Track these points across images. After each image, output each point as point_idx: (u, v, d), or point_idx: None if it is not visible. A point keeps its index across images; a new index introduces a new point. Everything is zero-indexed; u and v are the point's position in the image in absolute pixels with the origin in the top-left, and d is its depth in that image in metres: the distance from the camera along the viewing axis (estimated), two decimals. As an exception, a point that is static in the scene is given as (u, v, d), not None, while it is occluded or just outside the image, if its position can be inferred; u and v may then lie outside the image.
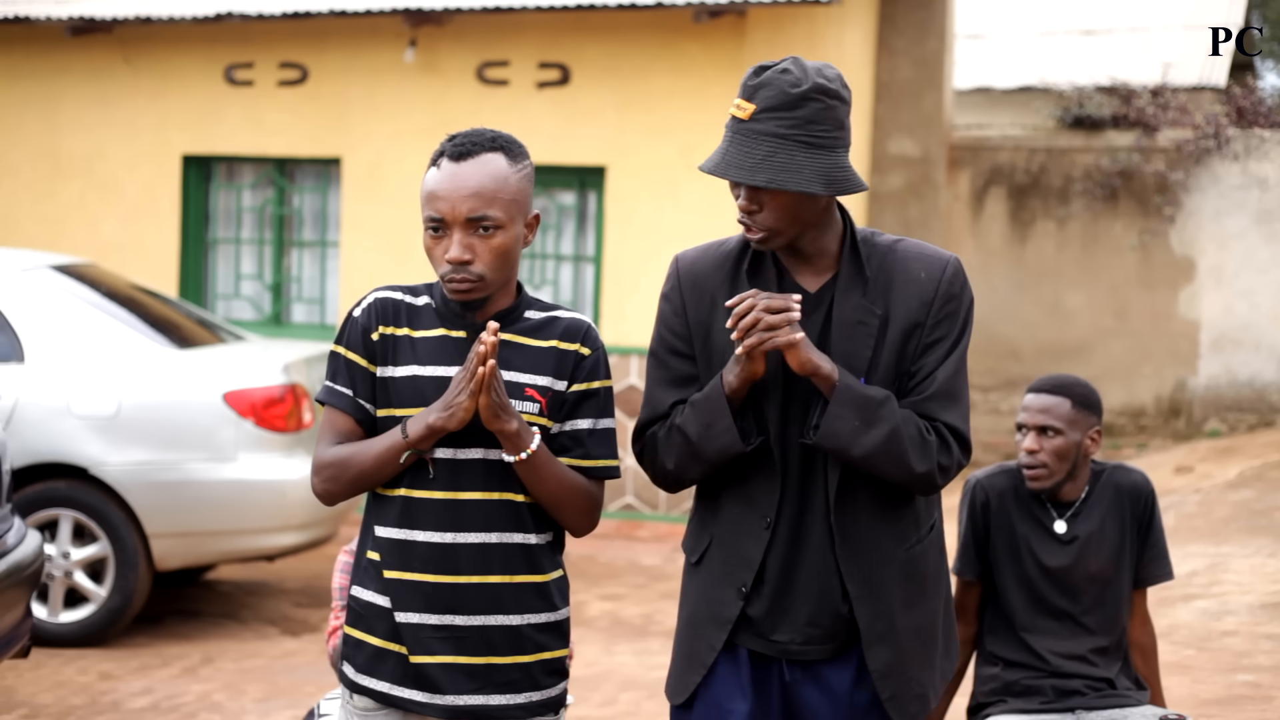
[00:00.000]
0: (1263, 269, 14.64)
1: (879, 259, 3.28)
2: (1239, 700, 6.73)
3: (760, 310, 3.12)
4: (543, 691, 3.27)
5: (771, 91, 3.15)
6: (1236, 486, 11.84)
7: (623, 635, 8.57)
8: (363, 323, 3.26)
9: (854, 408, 3.16)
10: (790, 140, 3.13)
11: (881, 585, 3.28)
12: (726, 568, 3.34)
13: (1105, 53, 17.70)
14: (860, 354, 3.23)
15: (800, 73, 3.17)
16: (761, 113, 3.15)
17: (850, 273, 3.26)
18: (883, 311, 3.24)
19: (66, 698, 7.16)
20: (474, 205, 3.16)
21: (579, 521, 3.28)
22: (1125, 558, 4.48)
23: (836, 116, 3.17)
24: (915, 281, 3.25)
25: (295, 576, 9.82)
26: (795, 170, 3.12)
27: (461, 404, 3.11)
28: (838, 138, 3.17)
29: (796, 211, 3.19)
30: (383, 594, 3.22)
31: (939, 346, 3.26)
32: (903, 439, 3.18)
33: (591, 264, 12.05)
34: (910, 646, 3.31)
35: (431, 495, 3.20)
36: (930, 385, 3.25)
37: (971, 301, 3.32)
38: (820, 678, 3.32)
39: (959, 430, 3.26)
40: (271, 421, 8.19)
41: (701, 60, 11.48)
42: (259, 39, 12.29)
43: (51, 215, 12.66)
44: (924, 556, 3.35)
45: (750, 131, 3.16)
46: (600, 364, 3.29)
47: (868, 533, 3.27)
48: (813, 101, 3.14)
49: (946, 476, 3.26)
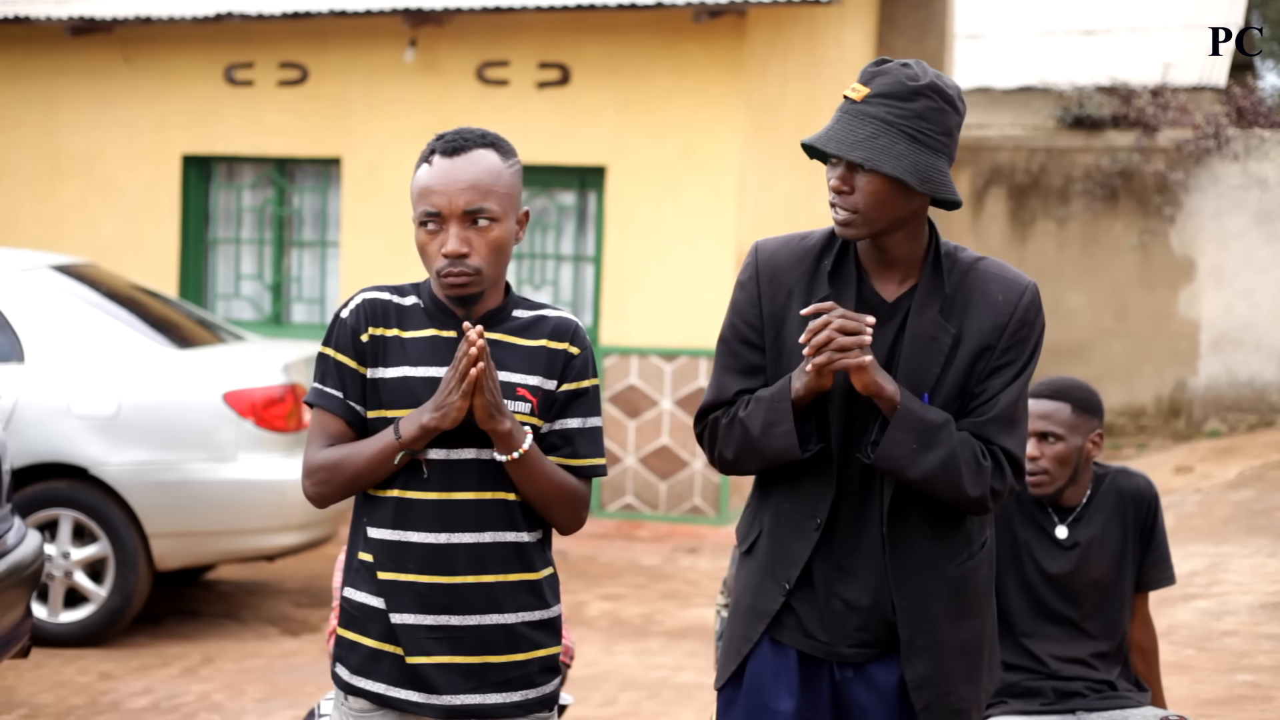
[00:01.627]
0: (1263, 269, 14.64)
1: (959, 276, 3.27)
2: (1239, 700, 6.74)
3: (833, 329, 3.11)
4: (538, 689, 3.28)
5: (888, 80, 3.16)
6: (1236, 486, 11.84)
7: (623, 635, 8.56)
8: (351, 324, 3.26)
9: (913, 431, 3.17)
10: (895, 128, 3.13)
11: (928, 599, 3.28)
12: (772, 562, 3.34)
13: (1105, 53, 17.71)
14: (929, 370, 3.23)
15: (920, 70, 3.18)
16: (874, 97, 3.15)
17: (929, 286, 3.25)
18: (957, 330, 3.24)
19: (66, 698, 7.16)
20: (471, 198, 3.18)
21: (567, 519, 3.29)
22: (1127, 563, 4.47)
23: (946, 122, 3.17)
24: (992, 304, 3.26)
25: (295, 576, 9.82)
26: (894, 156, 3.12)
27: (454, 404, 3.11)
28: (943, 142, 3.17)
29: (886, 201, 3.17)
30: (377, 595, 3.23)
31: (1006, 371, 3.26)
32: (959, 463, 3.19)
33: (591, 264, 12.05)
34: (953, 661, 3.30)
35: (425, 496, 3.20)
36: (992, 409, 3.25)
37: (1043, 329, 3.33)
38: (870, 677, 3.32)
39: (1015, 456, 3.26)
40: (271, 421, 8.19)
41: (701, 60, 11.49)
42: (259, 39, 12.29)
43: (51, 215, 12.66)
44: (974, 573, 3.34)
45: (859, 112, 3.16)
46: (589, 363, 3.31)
47: (920, 547, 3.27)
48: (926, 98, 3.15)
49: (999, 501, 3.27)
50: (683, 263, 11.55)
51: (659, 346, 11.62)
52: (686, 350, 11.48)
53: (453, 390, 3.11)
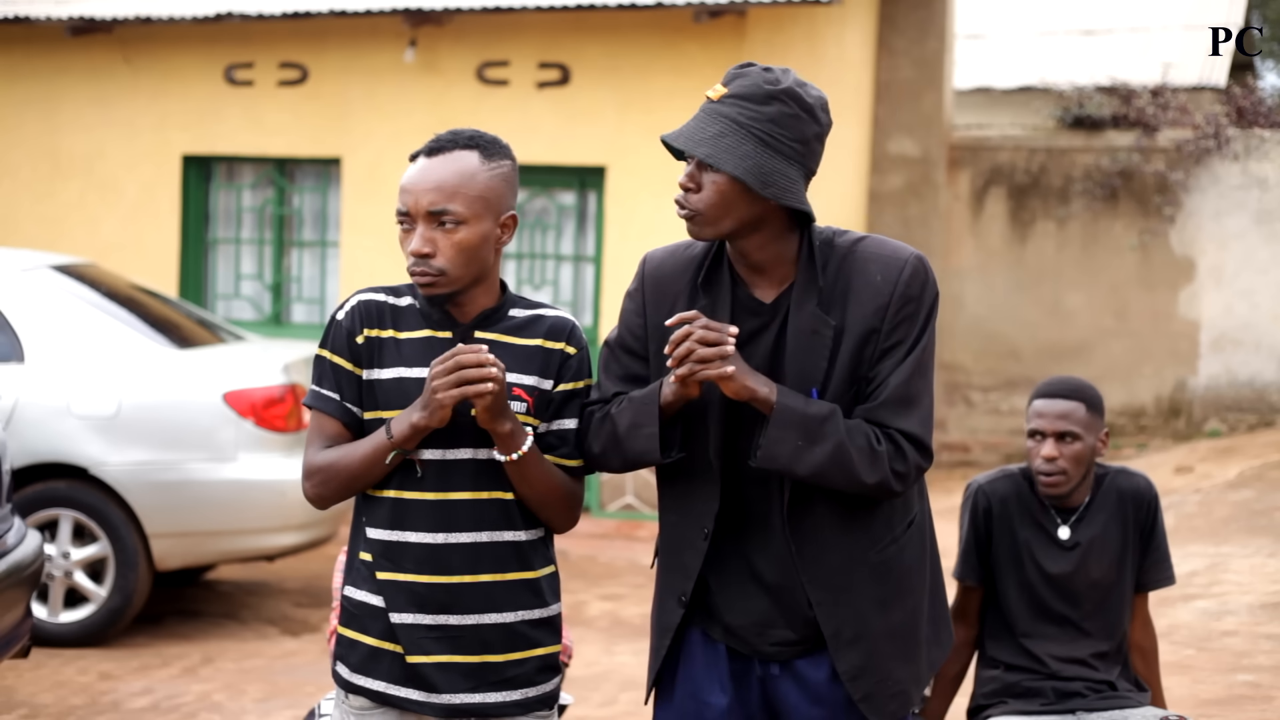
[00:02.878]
0: (1263, 269, 14.64)
1: (836, 264, 3.24)
2: (1239, 700, 6.74)
3: (694, 340, 3.11)
4: (538, 687, 3.29)
5: (746, 82, 3.18)
6: (1236, 486, 11.84)
7: (623, 635, 8.56)
8: (347, 326, 3.27)
9: (794, 427, 3.14)
10: (745, 129, 3.14)
11: (848, 591, 3.26)
12: (669, 577, 3.37)
13: (1105, 53, 17.70)
14: (815, 364, 3.21)
15: (781, 76, 3.18)
16: (730, 97, 3.17)
17: (805, 281, 3.23)
18: (838, 320, 3.21)
19: (66, 698, 7.16)
20: (435, 199, 3.19)
21: (562, 519, 3.30)
22: (1127, 563, 4.46)
23: (802, 130, 3.17)
24: (871, 285, 3.21)
25: (295, 576, 9.82)
26: (738, 156, 3.12)
27: (440, 400, 3.11)
28: (795, 149, 3.16)
29: (730, 201, 3.16)
30: (376, 594, 3.24)
31: (896, 351, 3.21)
32: (849, 452, 3.14)
33: (591, 264, 12.05)
34: (885, 647, 3.29)
35: (421, 496, 3.21)
36: (883, 392, 3.20)
37: (934, 300, 3.26)
38: (797, 674, 3.32)
39: (914, 435, 3.20)
40: (271, 421, 8.19)
41: (701, 60, 11.48)
42: (259, 39, 12.29)
43: (51, 215, 12.66)
44: (899, 555, 3.31)
45: (713, 111, 3.18)
46: (585, 363, 3.32)
47: (830, 541, 3.25)
48: (780, 103, 3.15)
49: (904, 482, 3.22)
50: (683, 263, 11.53)
51: (659, 346, 11.61)
52: (686, 350, 11.47)
53: (439, 388, 3.11)
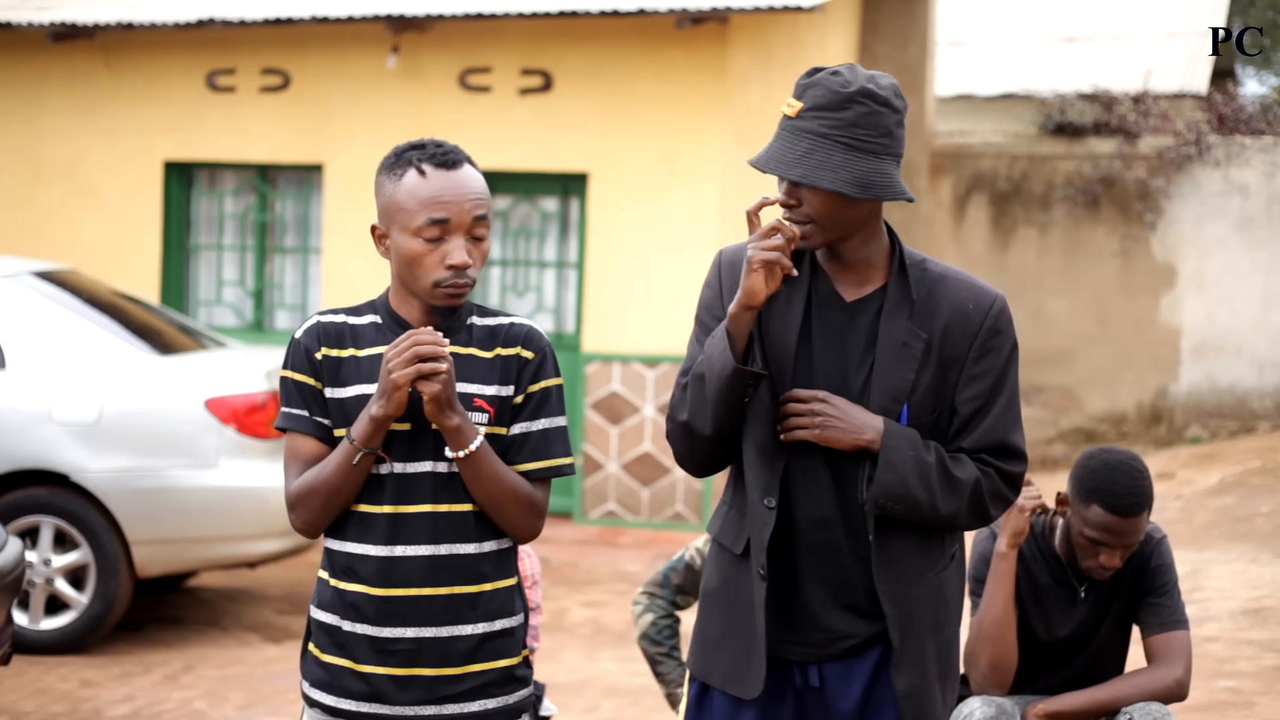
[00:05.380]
0: (1243, 276, 14.67)
1: (929, 285, 3.28)
2: (1221, 706, 6.74)
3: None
4: (498, 699, 3.26)
5: (819, 91, 3.17)
6: (1218, 493, 11.86)
7: (605, 642, 8.56)
8: (305, 344, 3.26)
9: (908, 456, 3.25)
10: (831, 140, 3.15)
11: (914, 607, 3.29)
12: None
13: (1087, 60, 17.74)
14: (904, 377, 3.24)
15: (850, 76, 3.18)
16: (808, 111, 3.17)
17: (898, 293, 3.27)
18: (928, 336, 3.25)
19: (47, 705, 7.14)
20: (478, 208, 3.20)
21: (521, 525, 3.26)
22: (1129, 621, 4.50)
23: (883, 123, 3.18)
24: (962, 313, 3.27)
25: (277, 583, 9.80)
26: (831, 169, 3.14)
27: (394, 381, 3.09)
28: (883, 144, 3.18)
29: (834, 212, 3.19)
30: (334, 608, 3.24)
31: (979, 381, 3.28)
32: (981, 493, 3.31)
33: (574, 270, 12.05)
34: (933, 670, 3.32)
35: (379, 510, 3.20)
36: (980, 427, 3.29)
37: (1015, 345, 3.34)
38: (834, 681, 3.32)
39: (1015, 476, 3.34)
40: (253, 428, 8.18)
41: (684, 67, 11.49)
42: (241, 45, 12.28)
43: (33, 221, 12.63)
44: (950, 582, 3.36)
45: (795, 128, 3.18)
46: (546, 364, 3.29)
47: (905, 556, 3.28)
48: (858, 105, 3.16)
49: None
50: (665, 269, 11.55)
51: (641, 353, 11.62)
52: (669, 357, 11.48)
53: (394, 368, 3.09)
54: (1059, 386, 14.97)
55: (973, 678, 4.38)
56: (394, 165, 3.23)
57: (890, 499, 3.21)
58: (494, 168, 11.44)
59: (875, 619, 3.29)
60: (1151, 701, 4.36)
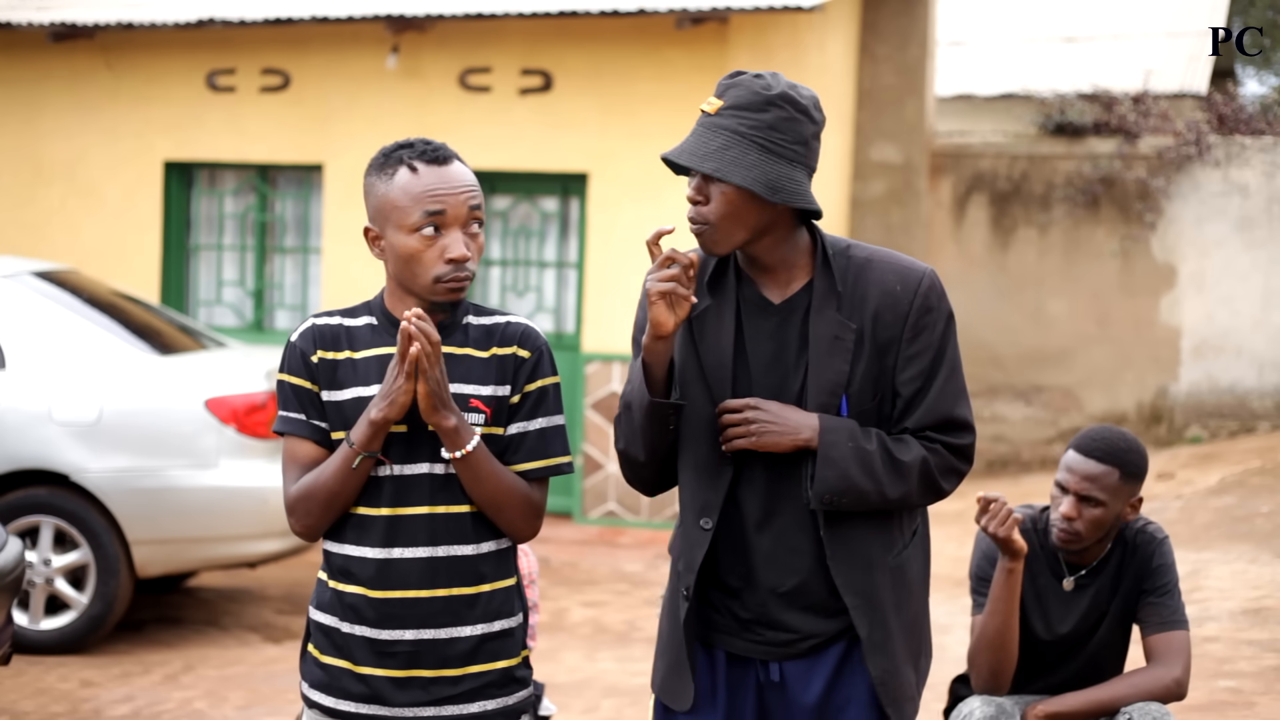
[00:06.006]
0: (1243, 276, 14.67)
1: (854, 273, 3.28)
2: (1221, 706, 6.75)
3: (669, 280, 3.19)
4: (497, 700, 3.27)
5: (741, 91, 3.20)
6: (1218, 493, 11.87)
7: (605, 642, 8.56)
8: (301, 347, 3.26)
9: (847, 446, 3.23)
10: (747, 139, 3.17)
11: (875, 594, 3.29)
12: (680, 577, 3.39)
13: (1087, 60, 17.74)
14: (839, 370, 3.24)
15: (773, 81, 3.21)
16: (728, 109, 3.20)
17: (824, 288, 3.27)
18: (858, 325, 3.25)
19: (47, 705, 7.14)
20: (474, 199, 3.21)
21: (519, 525, 3.26)
22: (1129, 620, 4.49)
23: (800, 131, 3.20)
24: (890, 295, 3.27)
25: (277, 583, 9.80)
26: (744, 166, 3.16)
27: (400, 387, 3.10)
28: (797, 151, 3.20)
29: (740, 211, 3.21)
30: (333, 610, 3.24)
31: (917, 360, 3.27)
32: (930, 469, 3.31)
33: (574, 270, 12.05)
34: (902, 651, 3.33)
35: (377, 512, 3.20)
36: (922, 404, 3.28)
37: (950, 314, 3.33)
38: (796, 678, 3.33)
39: (964, 448, 3.32)
40: (253, 428, 8.18)
41: (684, 67, 11.49)
42: (241, 45, 12.28)
43: (33, 221, 12.63)
44: (909, 562, 3.36)
45: (712, 125, 3.21)
46: (543, 363, 3.29)
47: (858, 545, 3.28)
48: (778, 108, 3.18)
49: (954, 487, 3.38)
50: (665, 269, 11.53)
51: (641, 353, 11.60)
52: (669, 357, 11.46)
53: (397, 375, 3.10)
54: (1059, 386, 14.97)
55: (973, 680, 4.38)
56: (384, 165, 3.22)
57: (835, 494, 3.21)
58: (494, 168, 11.45)
59: (838, 615, 3.30)
60: (1151, 701, 4.35)
